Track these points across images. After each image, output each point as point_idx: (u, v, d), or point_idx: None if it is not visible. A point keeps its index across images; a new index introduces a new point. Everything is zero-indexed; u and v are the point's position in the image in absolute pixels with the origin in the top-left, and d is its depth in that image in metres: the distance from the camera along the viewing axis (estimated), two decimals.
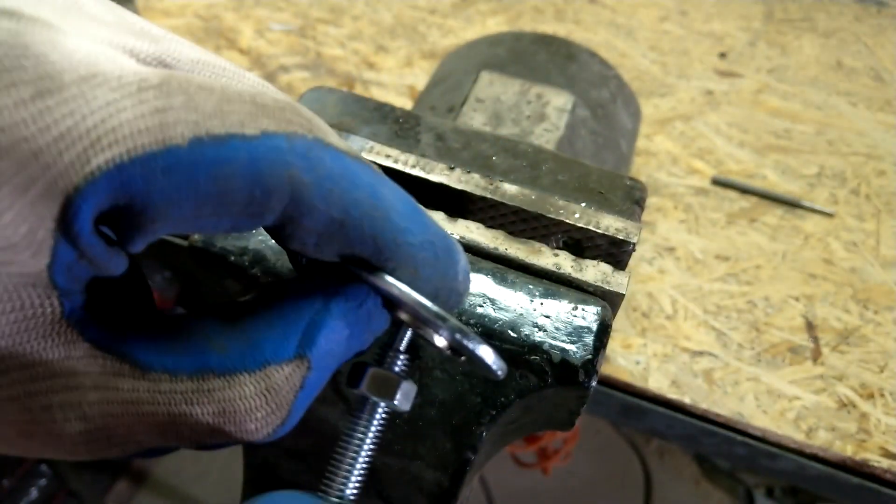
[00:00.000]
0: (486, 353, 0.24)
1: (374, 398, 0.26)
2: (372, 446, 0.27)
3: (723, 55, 1.18)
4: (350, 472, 0.26)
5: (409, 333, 0.28)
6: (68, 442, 0.22)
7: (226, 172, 0.20)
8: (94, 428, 0.22)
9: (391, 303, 0.25)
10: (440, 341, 0.25)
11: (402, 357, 0.27)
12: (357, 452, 0.26)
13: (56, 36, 0.20)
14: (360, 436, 0.26)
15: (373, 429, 0.26)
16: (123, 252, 0.21)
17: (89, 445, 0.22)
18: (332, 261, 0.23)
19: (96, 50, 0.20)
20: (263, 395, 0.22)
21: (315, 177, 0.21)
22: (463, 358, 0.26)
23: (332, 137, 0.23)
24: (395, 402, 0.26)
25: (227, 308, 0.24)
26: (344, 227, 0.22)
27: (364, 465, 0.26)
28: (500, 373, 0.25)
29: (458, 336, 0.24)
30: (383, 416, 0.27)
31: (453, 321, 0.24)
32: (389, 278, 0.23)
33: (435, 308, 0.23)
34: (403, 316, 0.25)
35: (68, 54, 0.19)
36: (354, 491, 0.26)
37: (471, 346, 0.24)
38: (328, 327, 0.23)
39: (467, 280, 0.26)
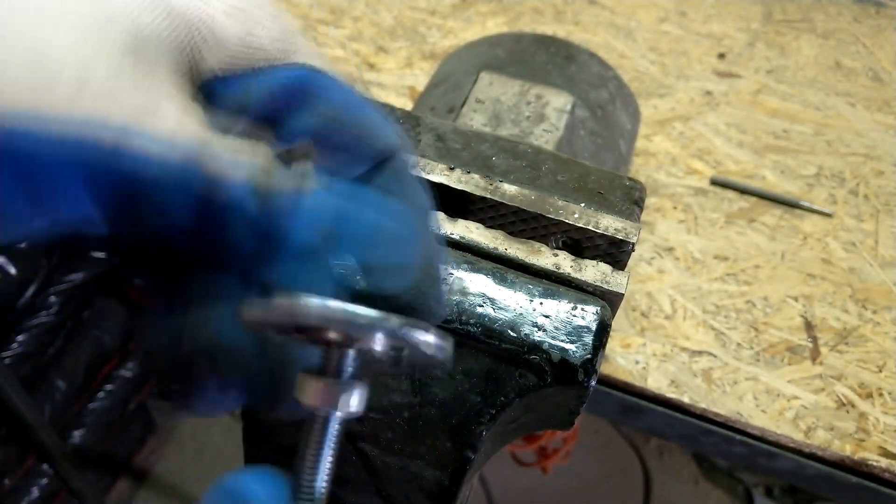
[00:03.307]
0: (427, 339, 0.21)
1: (322, 409, 0.23)
2: (330, 457, 0.23)
3: (721, 56, 1.19)
4: (311, 487, 0.23)
5: None
6: None
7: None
8: None
9: (312, 328, 0.22)
10: (377, 345, 0.22)
11: (349, 356, 0.23)
12: (314, 468, 0.23)
13: None
14: (315, 452, 0.23)
15: (328, 441, 0.23)
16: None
17: None
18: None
19: None
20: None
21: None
22: (405, 351, 0.23)
23: None
24: (350, 410, 0.23)
25: None
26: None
27: (326, 478, 0.23)
28: (445, 359, 0.22)
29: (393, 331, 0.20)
30: (338, 424, 0.23)
31: (373, 315, 0.20)
32: (300, 297, 0.20)
33: (350, 308, 0.20)
34: (332, 335, 0.22)
35: None
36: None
37: (409, 336, 0.20)
38: None
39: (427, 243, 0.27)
